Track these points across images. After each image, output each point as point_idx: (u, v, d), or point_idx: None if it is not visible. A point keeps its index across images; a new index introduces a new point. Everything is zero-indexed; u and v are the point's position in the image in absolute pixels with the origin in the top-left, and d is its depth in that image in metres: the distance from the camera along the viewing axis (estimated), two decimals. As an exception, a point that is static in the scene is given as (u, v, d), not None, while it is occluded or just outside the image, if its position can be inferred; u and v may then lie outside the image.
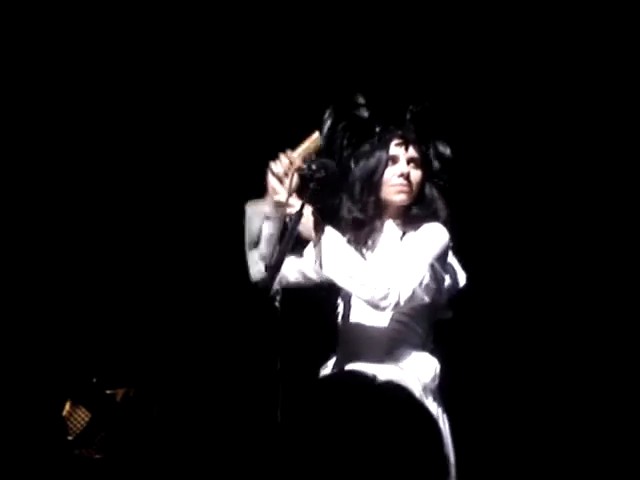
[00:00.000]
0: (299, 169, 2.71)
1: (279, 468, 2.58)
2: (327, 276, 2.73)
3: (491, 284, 3.83)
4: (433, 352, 2.82)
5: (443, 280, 2.78)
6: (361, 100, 2.94)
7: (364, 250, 2.85)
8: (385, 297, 2.65)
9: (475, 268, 2.94)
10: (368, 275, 2.66)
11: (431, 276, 2.72)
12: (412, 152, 2.88)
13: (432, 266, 2.72)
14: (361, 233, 2.88)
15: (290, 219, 2.64)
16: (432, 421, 2.68)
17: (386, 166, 2.87)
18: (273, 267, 2.57)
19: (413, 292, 2.68)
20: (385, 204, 2.88)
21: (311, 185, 2.68)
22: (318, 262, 2.69)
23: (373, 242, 2.88)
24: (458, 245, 2.86)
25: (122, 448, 3.99)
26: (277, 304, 2.73)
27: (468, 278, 2.89)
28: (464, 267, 2.90)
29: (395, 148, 2.88)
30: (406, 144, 2.88)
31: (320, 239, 2.68)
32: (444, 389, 2.81)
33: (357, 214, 2.88)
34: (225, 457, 4.00)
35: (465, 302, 2.95)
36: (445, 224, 2.82)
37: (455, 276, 2.87)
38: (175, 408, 4.22)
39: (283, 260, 2.65)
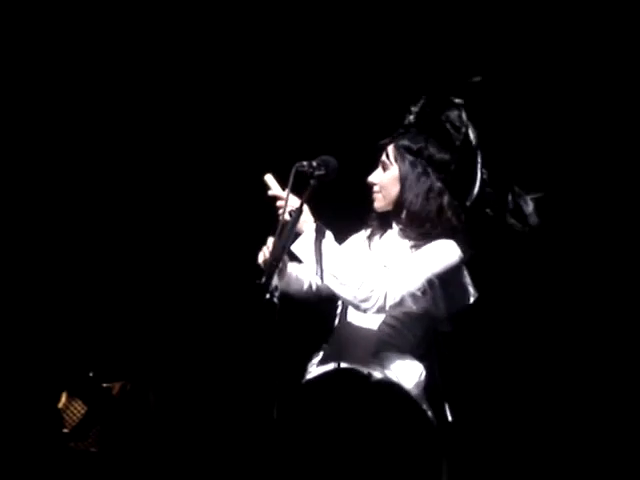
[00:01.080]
0: (300, 165, 2.71)
1: (277, 462, 2.60)
2: (313, 273, 2.71)
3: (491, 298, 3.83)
4: (423, 358, 2.79)
5: (440, 297, 2.71)
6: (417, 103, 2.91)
7: (373, 253, 2.87)
8: (366, 299, 2.63)
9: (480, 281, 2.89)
10: (352, 275, 2.63)
11: (426, 290, 2.67)
12: (382, 156, 2.87)
13: (430, 282, 2.67)
14: (373, 236, 2.93)
15: (290, 215, 2.64)
16: (426, 417, 2.70)
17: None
18: (272, 263, 2.56)
19: (401, 299, 2.65)
20: None
21: (311, 182, 2.68)
22: (305, 259, 2.68)
23: (381, 247, 2.89)
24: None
25: (118, 442, 3.99)
26: (275, 300, 2.73)
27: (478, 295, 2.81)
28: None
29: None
30: (379, 149, 2.88)
31: (309, 235, 2.67)
32: (442, 394, 2.79)
33: (372, 217, 2.94)
34: (221, 453, 4.00)
35: (467, 315, 2.90)
36: (455, 236, 2.75)
37: (462, 294, 2.79)
38: (172, 401, 4.22)
39: (282, 256, 2.66)
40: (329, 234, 2.71)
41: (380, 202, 2.87)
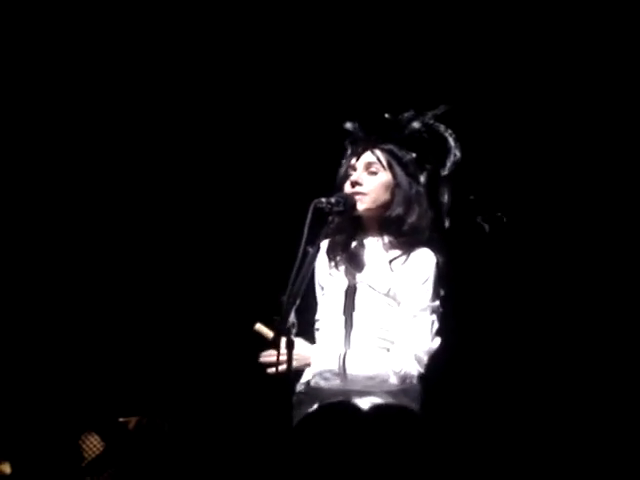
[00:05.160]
0: (318, 202, 2.70)
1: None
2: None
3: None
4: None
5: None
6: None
7: (348, 265, 2.82)
8: (404, 378, 2.69)
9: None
10: (379, 376, 2.67)
11: (438, 316, 2.75)
12: (367, 157, 2.83)
13: (435, 311, 2.75)
14: (344, 246, 2.86)
15: (306, 254, 2.63)
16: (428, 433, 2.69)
17: (346, 178, 2.84)
18: (290, 301, 2.55)
19: (428, 350, 2.72)
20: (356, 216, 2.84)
21: (330, 219, 2.71)
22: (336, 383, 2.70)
23: (356, 256, 2.83)
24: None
25: (134, 477, 3.97)
26: (292, 337, 2.72)
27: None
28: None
29: (353, 157, 2.85)
30: (359, 150, 2.84)
31: (321, 374, 2.71)
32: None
33: (338, 225, 2.84)
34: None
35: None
36: (431, 243, 2.78)
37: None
38: (187, 434, 4.21)
39: (299, 294, 2.64)
40: (326, 359, 2.71)
41: (366, 204, 2.80)
